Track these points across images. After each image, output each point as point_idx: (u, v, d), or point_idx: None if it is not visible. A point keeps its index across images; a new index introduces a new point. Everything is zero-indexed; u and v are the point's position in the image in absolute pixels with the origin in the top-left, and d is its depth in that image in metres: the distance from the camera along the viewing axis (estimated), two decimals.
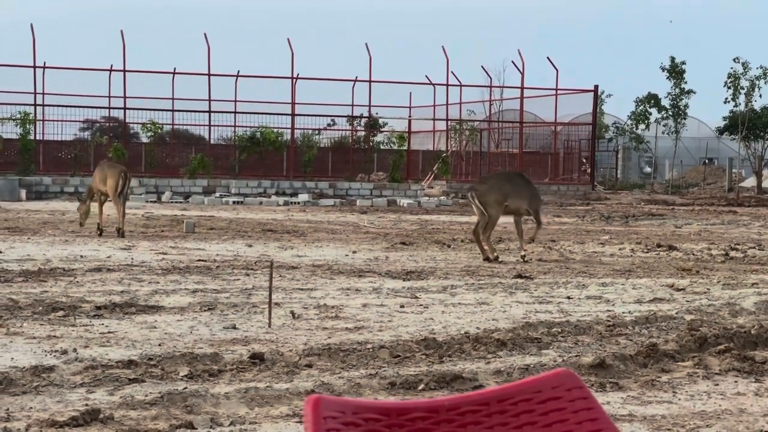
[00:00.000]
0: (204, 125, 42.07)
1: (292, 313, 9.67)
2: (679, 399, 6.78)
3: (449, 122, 45.25)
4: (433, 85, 44.69)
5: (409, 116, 46.13)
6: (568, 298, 11.34)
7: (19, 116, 37.24)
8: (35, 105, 38.46)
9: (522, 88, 43.70)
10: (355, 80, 42.94)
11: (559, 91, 44.14)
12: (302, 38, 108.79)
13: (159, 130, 40.67)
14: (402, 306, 10.45)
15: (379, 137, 44.66)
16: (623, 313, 10.26)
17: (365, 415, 2.00)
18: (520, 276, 13.19)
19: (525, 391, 2.23)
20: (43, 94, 39.24)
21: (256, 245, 17.17)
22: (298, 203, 34.17)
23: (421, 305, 10.56)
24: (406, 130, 45.05)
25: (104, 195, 18.98)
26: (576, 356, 7.86)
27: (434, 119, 45.63)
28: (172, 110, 41.36)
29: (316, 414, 1.94)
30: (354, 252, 16.31)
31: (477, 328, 9.16)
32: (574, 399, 2.20)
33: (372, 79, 42.18)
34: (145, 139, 42.19)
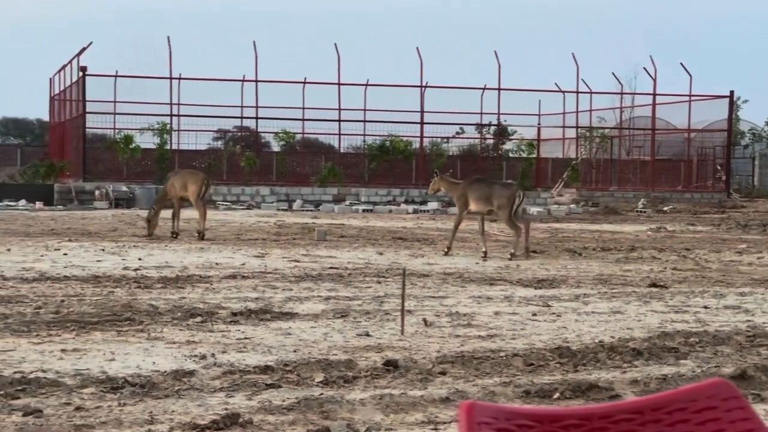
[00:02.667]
0: (334, 134, 42.49)
1: (425, 320, 9.69)
2: None
3: (579, 129, 44.82)
4: (563, 92, 44.33)
5: (539, 124, 45.82)
6: (705, 307, 11.12)
7: (157, 126, 38.14)
8: (171, 115, 39.31)
9: (654, 94, 43.07)
10: (484, 88, 42.86)
11: (692, 97, 43.34)
12: (431, 47, 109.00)
13: (290, 140, 41.17)
14: (534, 314, 10.39)
15: (507, 145, 44.47)
16: (764, 323, 10.02)
17: (518, 421, 2.01)
18: (654, 285, 12.99)
19: (680, 401, 2.20)
20: (179, 104, 40.07)
21: (386, 253, 17.26)
22: (428, 211, 34.22)
23: (553, 313, 10.48)
24: (536, 137, 44.77)
25: (185, 200, 19.93)
26: (716, 367, 7.71)
27: (564, 126, 45.26)
28: (303, 119, 41.83)
29: (470, 419, 1.95)
30: (484, 260, 16.27)
31: (611, 336, 9.05)
32: (730, 409, 2.16)
33: (501, 87, 42.05)
34: (276, 148, 42.78)
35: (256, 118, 40.91)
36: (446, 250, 17.34)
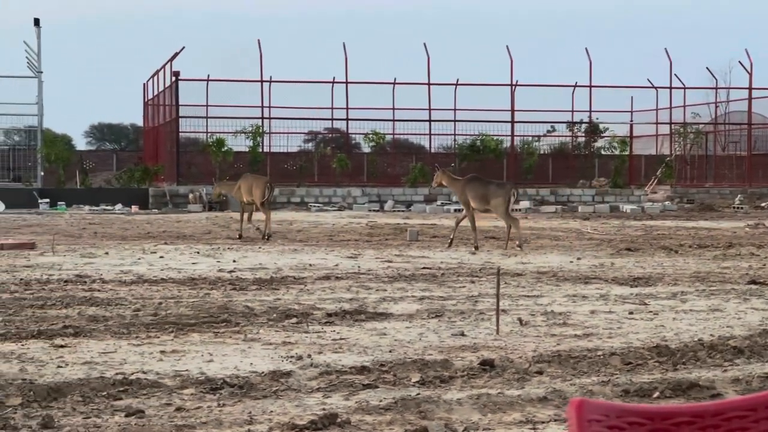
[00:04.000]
0: (424, 134, 42.43)
1: (520, 320, 9.64)
2: None
3: (673, 126, 44.21)
4: (656, 88, 43.75)
5: (631, 120, 45.28)
6: None
7: (250, 129, 38.49)
8: (262, 118, 39.64)
9: (750, 88, 42.29)
10: (575, 86, 42.48)
11: None
12: (521, 45, 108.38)
13: (381, 140, 41.25)
14: (631, 312, 10.27)
15: (599, 142, 44.00)
16: None
17: (629, 419, 1.98)
18: (754, 282, 12.77)
19: None
20: (270, 107, 40.37)
21: (479, 252, 17.20)
22: (520, 210, 34.05)
23: (650, 312, 10.35)
24: (628, 134, 44.24)
25: (248, 204, 20.48)
26: None
27: (657, 123, 44.67)
28: (393, 120, 41.86)
29: (580, 417, 1.92)
30: (578, 258, 16.14)
31: (711, 335, 8.91)
32: None
33: (592, 84, 41.65)
34: (366, 149, 42.89)
35: (347, 119, 41.06)
36: (474, 247, 17.79)
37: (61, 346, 8.12)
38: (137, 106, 61.14)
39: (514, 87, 40.62)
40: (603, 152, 42.88)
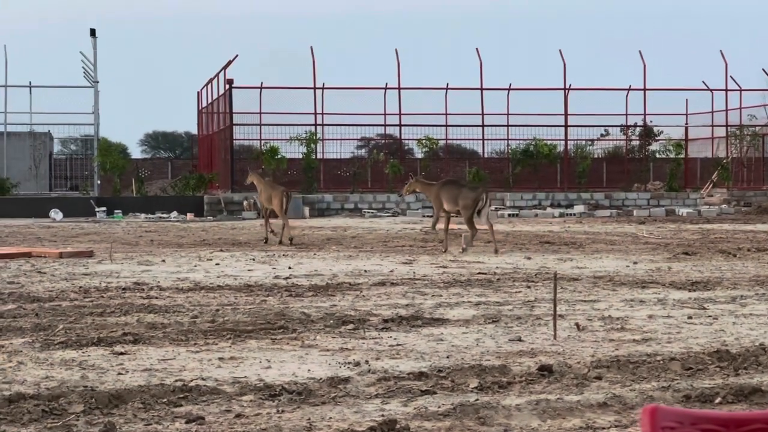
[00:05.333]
0: (477, 139, 42.36)
1: (577, 324, 9.58)
2: None
3: (729, 128, 43.77)
4: (711, 90, 43.36)
5: (686, 123, 44.91)
6: None
7: (304, 136, 38.63)
8: (315, 125, 39.78)
9: None
10: (629, 89, 42.21)
11: None
12: (573, 48, 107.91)
13: (433, 146, 41.25)
14: (690, 317, 10.18)
15: (654, 146, 43.69)
16: None
17: (703, 425, 1.95)
18: None
19: None
20: (323, 114, 40.50)
21: (534, 257, 17.14)
22: (574, 215, 33.89)
23: (709, 316, 10.25)
24: (683, 137, 43.89)
25: (271, 210, 21.29)
26: None
27: (712, 125, 44.27)
28: (446, 125, 41.84)
29: (653, 424, 1.91)
30: (635, 263, 16.02)
31: None
32: None
33: (646, 87, 41.38)
34: (419, 155, 42.89)
35: (400, 125, 41.09)
36: (444, 249, 18.38)
37: (121, 353, 8.19)
38: (191, 115, 61.66)
39: (567, 91, 40.45)
40: (658, 155, 42.56)
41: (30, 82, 44.75)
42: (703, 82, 43.83)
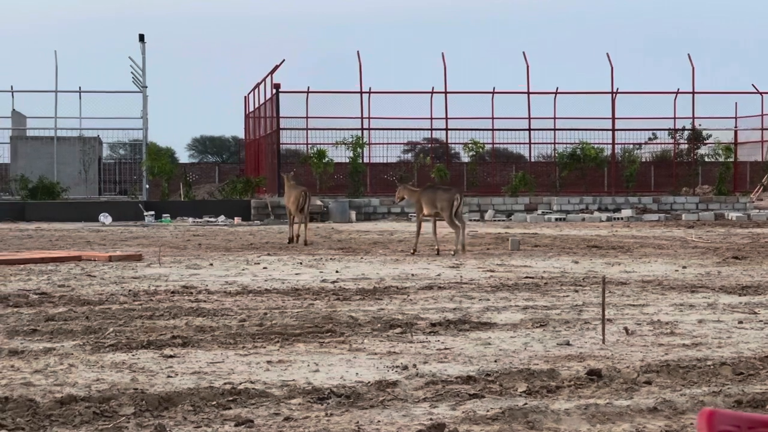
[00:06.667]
0: (524, 143, 42.27)
1: (626, 329, 9.53)
2: None
3: None
4: (761, 93, 42.97)
5: (735, 127, 44.53)
6: None
7: (350, 140, 38.73)
8: (362, 129, 39.85)
9: None
10: (677, 92, 41.95)
11: None
12: (621, 52, 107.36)
13: (480, 150, 41.18)
14: (740, 322, 10.08)
15: (703, 149, 43.37)
16: None
17: (761, 430, 1.94)
18: None
19: None
20: (369, 118, 40.56)
21: (582, 261, 17.06)
22: (622, 219, 33.71)
23: (761, 321, 10.15)
24: (732, 141, 43.52)
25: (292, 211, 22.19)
26: None
27: (762, 129, 43.86)
28: (492, 129, 41.77)
29: (710, 427, 1.89)
30: (684, 267, 15.90)
31: None
32: None
33: (695, 91, 41.09)
34: (466, 159, 42.86)
35: (446, 129, 41.08)
36: (413, 250, 19.41)
37: (171, 356, 8.24)
38: (238, 119, 61.93)
39: (614, 95, 40.24)
40: (706, 159, 42.25)
41: (80, 88, 45.27)
42: (753, 85, 43.49)
